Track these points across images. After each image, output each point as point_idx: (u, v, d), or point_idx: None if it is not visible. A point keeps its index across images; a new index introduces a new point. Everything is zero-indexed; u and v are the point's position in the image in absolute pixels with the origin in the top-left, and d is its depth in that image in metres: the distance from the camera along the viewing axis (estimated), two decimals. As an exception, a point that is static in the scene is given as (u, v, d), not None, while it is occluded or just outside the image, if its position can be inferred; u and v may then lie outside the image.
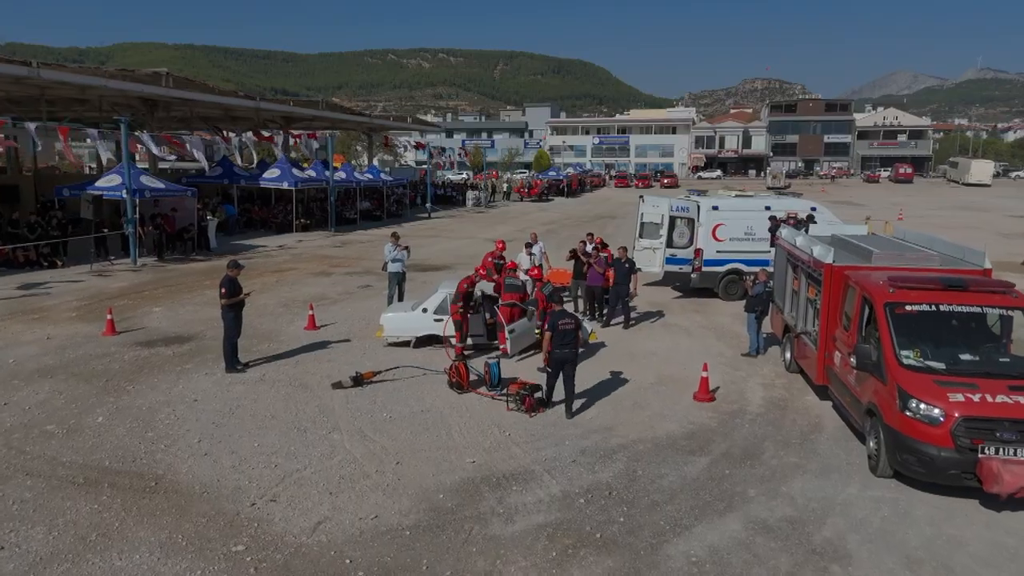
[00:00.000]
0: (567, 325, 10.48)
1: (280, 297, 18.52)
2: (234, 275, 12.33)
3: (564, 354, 10.47)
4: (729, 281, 19.10)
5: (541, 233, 35.89)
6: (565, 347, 10.44)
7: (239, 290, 12.37)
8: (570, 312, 10.94)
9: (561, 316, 10.56)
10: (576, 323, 10.64)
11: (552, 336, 10.43)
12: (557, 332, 10.42)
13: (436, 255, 26.73)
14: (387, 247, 16.77)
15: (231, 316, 12.19)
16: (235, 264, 12.48)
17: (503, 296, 13.42)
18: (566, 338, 10.44)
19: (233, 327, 12.27)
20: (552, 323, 10.50)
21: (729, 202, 19.17)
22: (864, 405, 9.20)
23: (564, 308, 10.82)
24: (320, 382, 11.90)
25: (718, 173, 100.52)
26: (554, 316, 10.61)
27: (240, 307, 12.42)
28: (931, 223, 41.09)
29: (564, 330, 10.43)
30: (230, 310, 12.16)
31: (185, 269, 22.80)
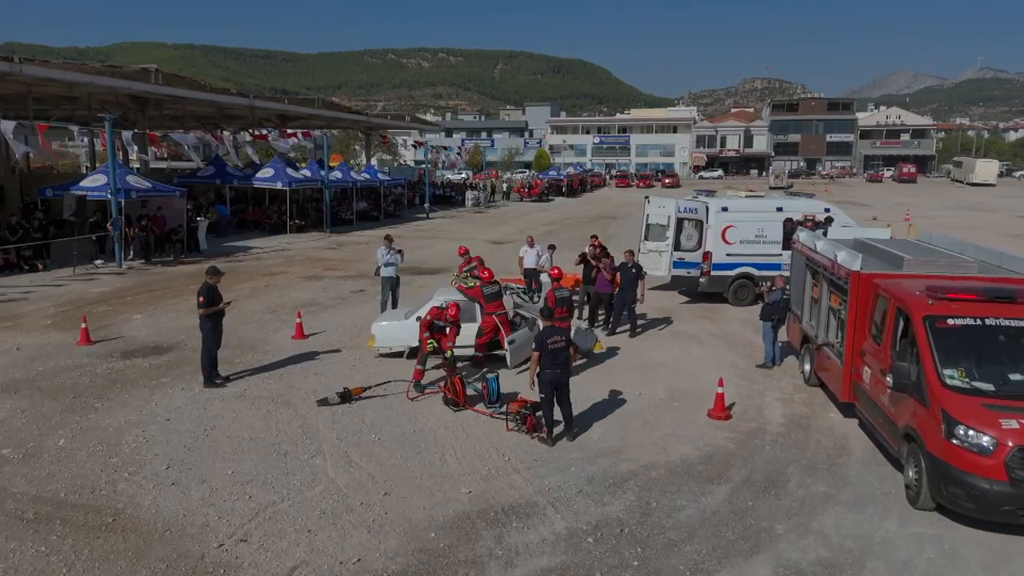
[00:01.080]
0: (557, 343, 9.41)
1: (268, 303, 17.65)
2: (213, 282, 11.47)
3: (555, 375, 9.40)
4: (739, 286, 18.24)
5: (541, 234, 35.11)
6: (556, 367, 9.40)
7: (219, 298, 11.50)
8: (560, 328, 9.79)
9: (550, 333, 9.47)
10: (568, 340, 9.63)
11: (541, 355, 9.46)
12: (546, 351, 9.38)
13: (433, 257, 25.86)
14: (380, 250, 15.91)
15: (209, 326, 11.32)
16: (214, 270, 11.61)
17: (485, 307, 12.47)
18: (557, 358, 9.39)
19: (212, 338, 11.40)
20: (540, 341, 9.42)
21: (739, 203, 18.31)
22: (901, 429, 8.33)
23: (553, 324, 9.85)
24: (305, 398, 11.03)
25: (719, 173, 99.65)
26: (542, 334, 9.51)
27: (220, 317, 11.55)
28: (937, 223, 40.22)
29: (554, 349, 9.39)
30: (208, 320, 11.29)
31: (172, 272, 21.93)
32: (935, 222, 40.91)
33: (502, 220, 41.65)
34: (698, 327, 16.10)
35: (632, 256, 15.12)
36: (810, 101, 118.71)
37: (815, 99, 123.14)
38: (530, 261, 17.50)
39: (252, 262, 24.11)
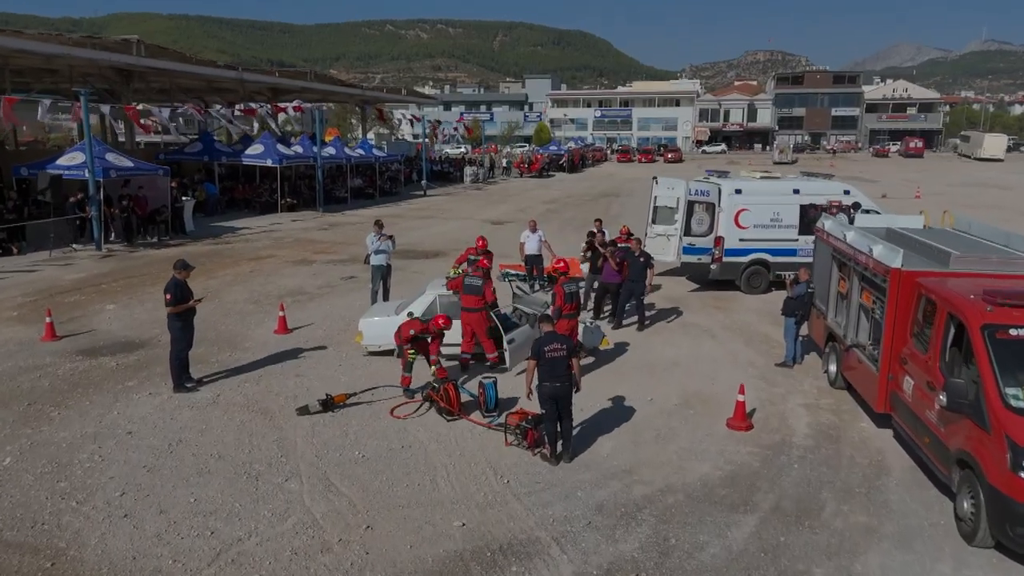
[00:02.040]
0: (556, 352, 8.29)
1: (252, 291, 16.59)
2: (182, 277, 10.40)
3: (555, 389, 8.29)
4: (753, 272, 17.18)
5: (541, 213, 33.99)
6: (556, 380, 8.29)
7: (188, 295, 10.45)
8: (561, 336, 8.66)
9: (548, 341, 8.38)
10: (569, 350, 8.47)
11: (537, 365, 8.34)
12: (544, 361, 8.27)
13: (430, 239, 24.75)
14: (369, 237, 14.81)
15: (179, 326, 10.27)
16: (183, 264, 10.52)
17: (462, 300, 11.18)
18: (556, 369, 8.27)
19: (182, 339, 10.37)
20: (537, 349, 8.31)
21: (753, 185, 17.18)
22: (953, 453, 7.33)
23: (554, 330, 8.74)
24: (283, 405, 10.02)
25: (722, 147, 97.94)
26: (540, 340, 8.45)
27: (190, 315, 10.50)
28: (950, 202, 39.03)
29: (553, 359, 8.27)
30: (177, 319, 10.24)
31: (154, 256, 20.84)
32: (947, 200, 39.73)
33: (501, 198, 40.45)
34: (710, 319, 15.06)
35: (640, 244, 14.01)
36: (815, 74, 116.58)
37: (820, 72, 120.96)
38: (532, 247, 16.43)
39: (239, 244, 23.01)
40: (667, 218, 18.37)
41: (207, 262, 19.77)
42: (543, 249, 16.65)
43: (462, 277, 11.21)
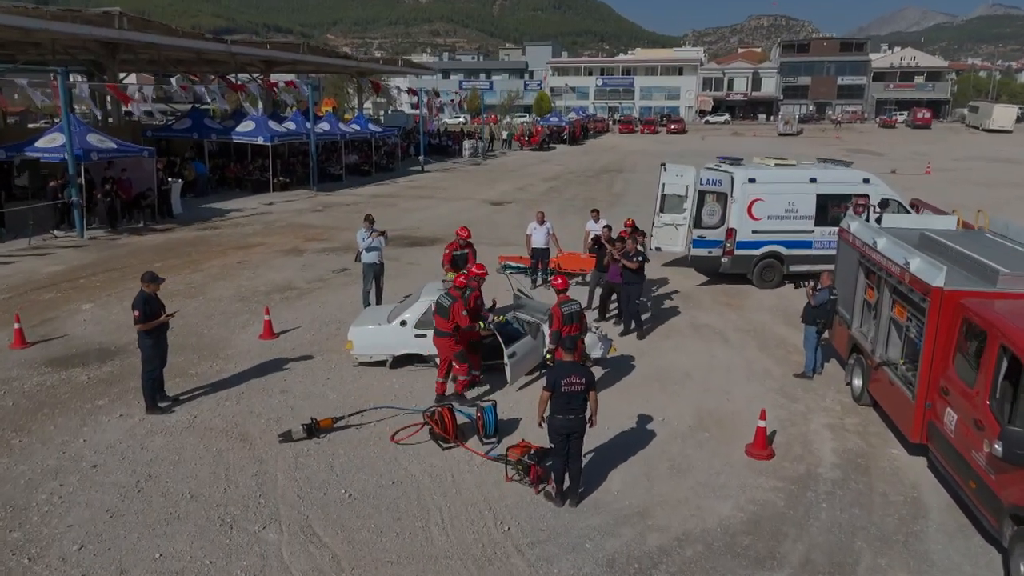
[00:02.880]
0: (574, 386, 7.41)
1: (238, 286, 15.73)
2: (151, 291, 9.52)
3: (568, 423, 7.48)
4: (766, 266, 16.33)
5: (542, 192, 32.99)
6: (571, 413, 7.47)
7: (159, 310, 9.58)
8: (580, 368, 7.67)
9: (566, 371, 7.47)
10: (588, 381, 7.54)
11: (552, 397, 7.51)
12: (560, 394, 7.43)
13: (427, 223, 23.81)
14: (360, 233, 13.91)
15: (149, 344, 9.43)
16: (151, 277, 9.63)
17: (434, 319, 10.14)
18: (572, 403, 7.44)
19: (153, 357, 9.53)
20: (553, 380, 7.43)
21: (768, 173, 16.23)
22: (1007, 507, 6.55)
23: (573, 360, 7.73)
24: (265, 430, 9.24)
25: (726, 117, 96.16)
26: (557, 370, 7.57)
27: (162, 331, 9.64)
28: (963, 178, 38.05)
29: (570, 392, 7.43)
30: (148, 336, 9.39)
31: (138, 244, 19.94)
32: (962, 176, 38.71)
33: (501, 174, 39.38)
34: (721, 318, 14.24)
35: (636, 243, 13.00)
36: (821, 41, 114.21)
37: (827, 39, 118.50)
38: (539, 240, 15.59)
39: (228, 230, 22.08)
40: (675, 206, 17.47)
41: (193, 252, 18.89)
42: (551, 242, 15.75)
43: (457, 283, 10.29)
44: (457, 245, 13.72)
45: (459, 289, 9.99)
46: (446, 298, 9.86)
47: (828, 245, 16.20)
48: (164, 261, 17.78)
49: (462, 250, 13.69)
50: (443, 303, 9.82)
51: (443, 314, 9.79)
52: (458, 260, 13.71)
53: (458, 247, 13.70)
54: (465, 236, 13.87)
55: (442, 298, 9.92)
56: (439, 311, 9.84)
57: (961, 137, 71.27)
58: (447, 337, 9.84)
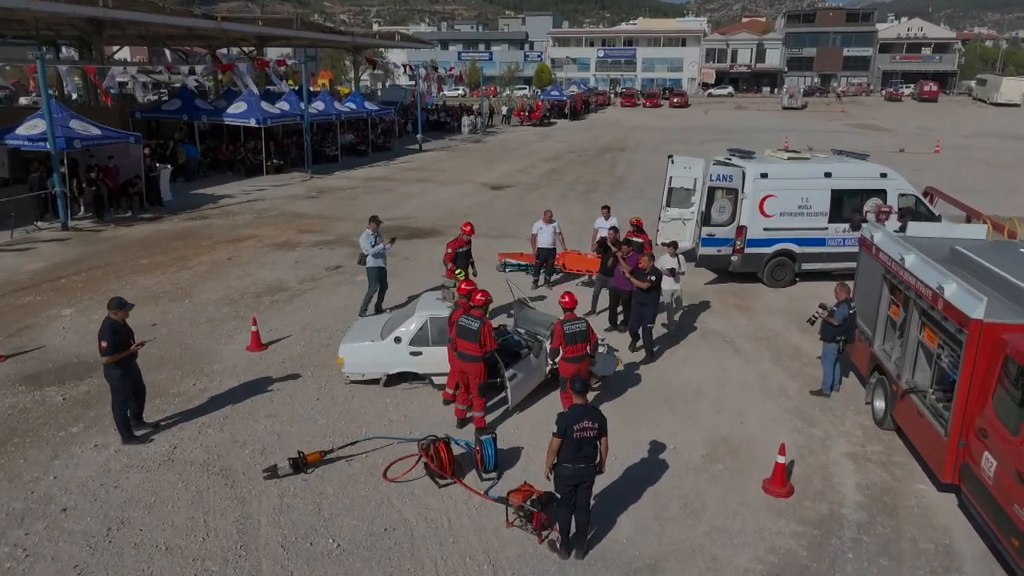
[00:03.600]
0: (587, 431, 6.80)
1: (227, 288, 15.04)
2: (118, 318, 8.82)
3: (577, 472, 6.88)
4: (777, 264, 15.65)
5: (543, 174, 32.12)
6: (580, 462, 6.87)
7: (127, 340, 8.87)
8: (593, 411, 7.02)
9: (579, 416, 6.85)
10: (601, 427, 6.90)
11: (562, 444, 6.86)
12: (570, 440, 6.80)
13: (424, 211, 23.04)
14: (365, 236, 13.23)
15: (117, 375, 8.75)
16: (119, 303, 8.91)
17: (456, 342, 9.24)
18: (583, 450, 6.84)
19: (122, 388, 8.84)
20: (564, 426, 6.78)
21: (780, 168, 15.46)
22: (1058, 576, 5.97)
23: (587, 403, 7.14)
24: (249, 464, 8.64)
25: (729, 90, 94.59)
26: (569, 415, 6.89)
27: (131, 361, 8.94)
28: (973, 157, 37.15)
29: (581, 439, 6.82)
30: (116, 367, 8.71)
31: (124, 237, 19.20)
32: (968, 155, 37.79)
33: (500, 153, 38.44)
34: (732, 324, 13.59)
35: (651, 261, 11.83)
36: (827, 12, 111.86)
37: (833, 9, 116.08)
38: (546, 239, 14.84)
39: (218, 220, 21.33)
40: (683, 200, 16.78)
41: (181, 246, 18.18)
42: (557, 242, 14.99)
43: (459, 312, 9.53)
44: (462, 242, 13.18)
45: (481, 308, 9.31)
46: (470, 319, 9.16)
47: (842, 242, 15.59)
48: (151, 257, 17.09)
49: (466, 247, 13.13)
50: (469, 325, 9.11)
51: (471, 337, 9.08)
52: (461, 258, 13.13)
53: (463, 244, 13.13)
54: (469, 232, 13.29)
55: (465, 320, 9.19)
56: (465, 334, 9.11)
57: (969, 111, 70.08)
58: (478, 362, 9.14)
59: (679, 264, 12.64)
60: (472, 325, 9.07)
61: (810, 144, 40.80)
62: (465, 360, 9.15)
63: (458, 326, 9.19)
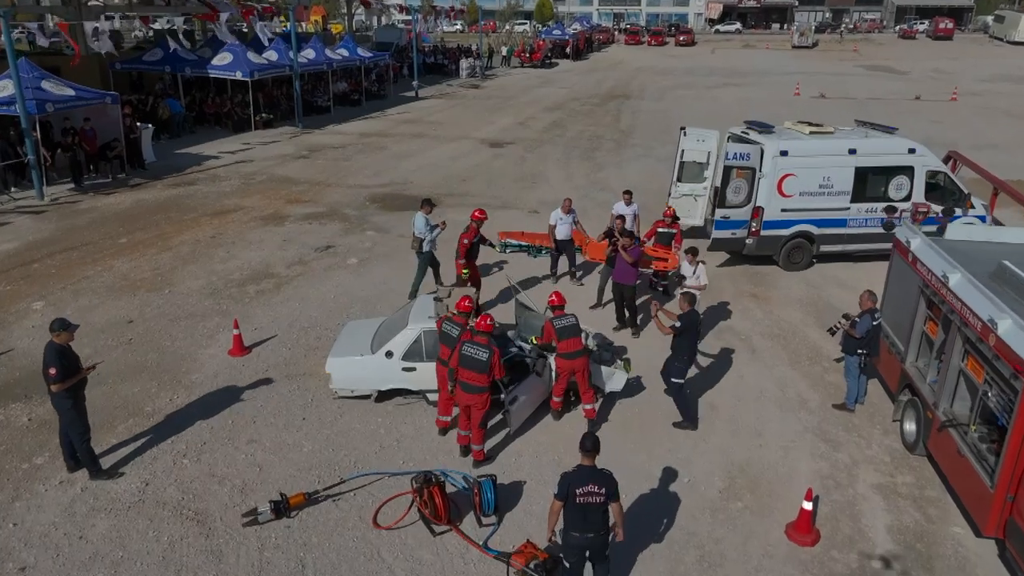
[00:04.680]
0: (592, 496, 6.06)
1: (210, 274, 14.13)
2: (63, 342, 7.93)
3: (586, 541, 6.20)
4: (795, 247, 14.74)
5: (544, 127, 30.75)
6: (589, 531, 6.13)
7: (76, 365, 8.01)
8: (598, 473, 6.17)
9: (581, 480, 6.08)
10: (609, 491, 6.09)
11: (564, 508, 6.13)
12: (573, 505, 6.08)
13: (420, 174, 21.91)
14: (420, 220, 12.64)
15: (69, 405, 7.90)
16: (62, 325, 7.94)
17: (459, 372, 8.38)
18: (589, 517, 6.10)
19: (78, 420, 8.00)
20: (564, 489, 6.07)
21: (802, 144, 14.35)
22: None
23: (594, 465, 6.24)
24: (227, 505, 7.93)
25: (737, 26, 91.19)
26: (572, 477, 6.13)
27: (81, 388, 8.09)
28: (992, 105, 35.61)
29: (586, 504, 6.08)
30: (67, 396, 7.87)
31: (104, 208, 18.16)
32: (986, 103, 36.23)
33: (500, 102, 36.88)
34: (746, 317, 12.76)
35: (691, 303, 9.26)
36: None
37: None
38: (564, 231, 13.59)
39: (203, 187, 20.22)
40: (695, 175, 15.73)
41: (163, 220, 17.18)
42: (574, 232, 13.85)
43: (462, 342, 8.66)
44: (474, 231, 12.25)
45: (487, 335, 8.44)
46: (477, 349, 8.28)
47: (864, 223, 14.68)
48: (130, 235, 16.13)
49: (478, 235, 12.31)
50: (476, 356, 8.24)
51: (478, 368, 8.24)
52: (475, 250, 12.35)
53: (476, 232, 12.25)
54: (480, 218, 12.40)
55: (472, 349, 8.30)
56: (471, 365, 8.25)
57: (985, 50, 67.58)
58: (483, 393, 8.35)
59: (698, 275, 11.41)
60: (480, 356, 8.24)
61: (822, 90, 39.32)
62: (470, 392, 8.34)
63: (462, 355, 8.33)
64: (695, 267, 11.27)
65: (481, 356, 8.28)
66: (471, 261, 12.34)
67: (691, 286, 11.11)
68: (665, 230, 13.19)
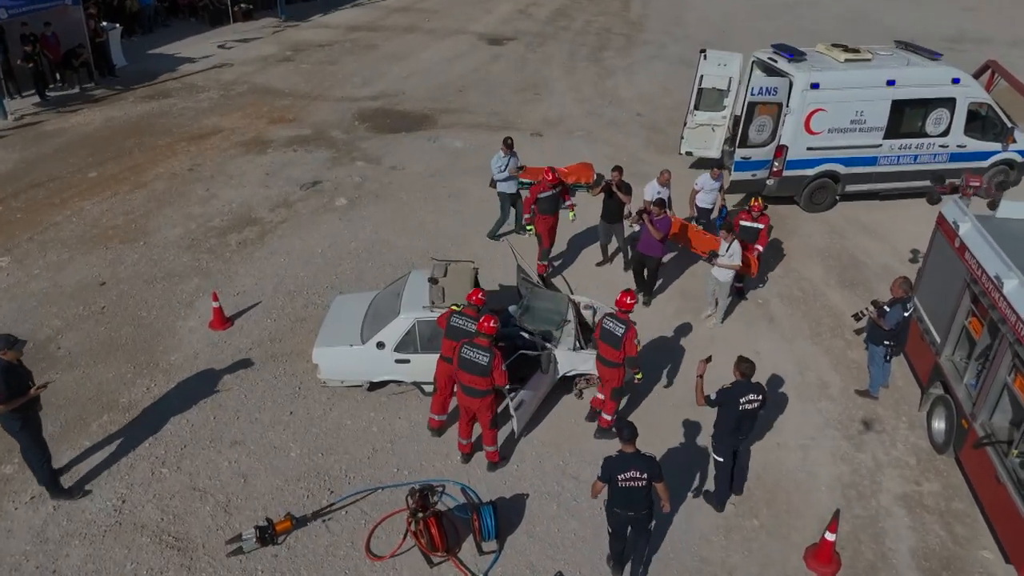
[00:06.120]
0: (635, 481, 6.31)
1: (188, 219, 13.09)
2: (11, 359, 7.10)
3: (629, 518, 6.55)
4: (818, 187, 13.69)
5: (548, 16, 28.46)
6: (630, 509, 6.46)
7: (25, 383, 7.22)
8: (642, 458, 6.35)
9: (623, 466, 6.30)
10: (652, 474, 6.32)
11: (608, 487, 6.42)
12: (616, 488, 6.37)
13: (411, 83, 20.26)
14: (497, 159, 12.07)
15: (18, 426, 7.14)
16: (8, 342, 7.05)
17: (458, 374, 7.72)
18: (632, 498, 6.39)
19: (34, 444, 7.30)
20: (608, 474, 6.33)
21: (835, 76, 12.88)
22: None
23: (636, 449, 6.38)
24: (210, 528, 7.43)
25: None
26: (614, 464, 6.34)
27: (32, 406, 7.33)
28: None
29: (629, 487, 6.34)
30: (16, 416, 7.13)
31: (72, 131, 16.76)
32: None
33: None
34: (763, 273, 11.86)
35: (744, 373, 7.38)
36: None
37: None
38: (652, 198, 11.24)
39: (179, 101, 18.65)
40: (714, 102, 14.40)
41: (136, 147, 15.88)
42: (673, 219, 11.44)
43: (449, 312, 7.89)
44: (545, 186, 11.03)
45: (489, 337, 7.64)
46: (478, 352, 7.53)
47: (896, 160, 13.56)
48: (100, 167, 14.93)
49: (551, 190, 11.07)
50: (476, 360, 7.52)
51: (479, 372, 7.55)
52: (546, 204, 11.10)
53: (546, 188, 11.04)
54: (553, 181, 11.08)
55: (470, 351, 7.56)
56: (471, 368, 7.55)
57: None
58: (486, 397, 7.73)
59: (731, 253, 10.18)
60: (481, 360, 7.51)
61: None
62: (472, 396, 7.69)
63: (462, 358, 7.59)
64: (730, 243, 10.23)
65: (481, 360, 7.55)
66: (542, 217, 11.15)
67: (723, 264, 10.20)
68: (750, 224, 10.71)
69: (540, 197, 10.99)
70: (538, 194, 10.99)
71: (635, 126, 17.76)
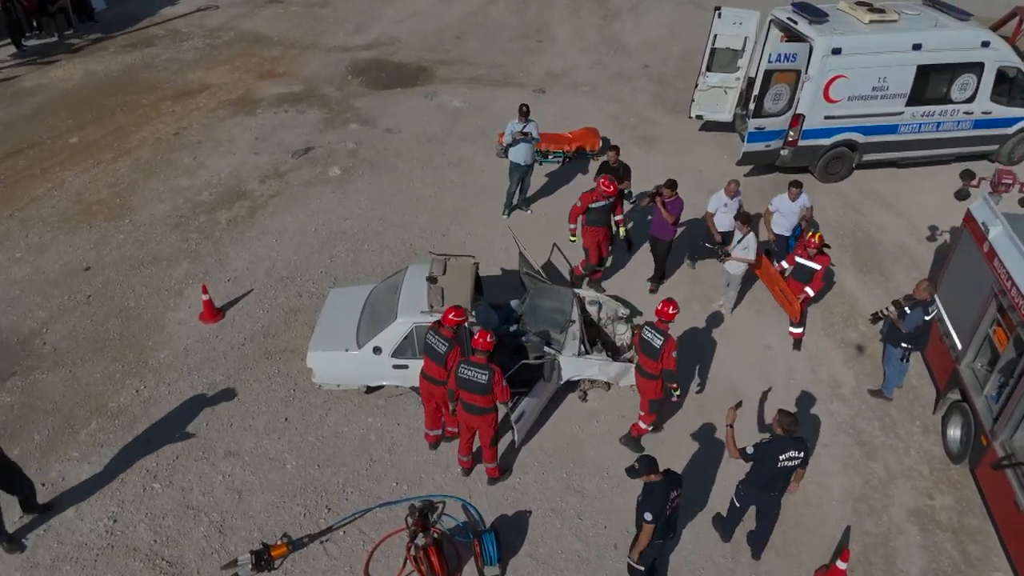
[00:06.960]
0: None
1: (176, 192, 12.51)
2: None
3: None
4: (835, 157, 13.06)
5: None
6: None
7: None
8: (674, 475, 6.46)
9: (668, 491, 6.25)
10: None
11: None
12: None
13: (405, 30, 19.20)
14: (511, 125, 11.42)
15: None
16: None
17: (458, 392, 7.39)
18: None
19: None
20: (656, 505, 6.17)
21: (859, 41, 12.06)
22: None
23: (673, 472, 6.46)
24: (204, 551, 7.24)
25: None
26: (659, 497, 6.19)
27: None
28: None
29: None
30: None
31: (51, 87, 15.92)
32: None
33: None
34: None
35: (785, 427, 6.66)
36: None
37: None
38: (726, 222, 10.31)
39: (163, 52, 17.70)
40: (727, 63, 13.61)
41: (118, 106, 15.12)
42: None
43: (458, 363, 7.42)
44: (598, 195, 9.88)
45: (485, 353, 7.22)
46: (476, 371, 7.15)
47: (918, 128, 12.92)
48: (82, 130, 14.24)
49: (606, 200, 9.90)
50: (475, 379, 7.15)
51: (478, 390, 7.21)
52: (596, 215, 9.95)
53: (599, 198, 9.88)
54: (612, 192, 9.86)
55: (468, 370, 7.18)
56: (470, 387, 7.21)
57: None
58: (488, 414, 7.43)
59: (746, 245, 9.65)
60: (480, 378, 7.15)
61: None
62: (474, 413, 7.40)
63: (459, 378, 7.24)
64: (744, 235, 9.72)
65: (480, 379, 7.20)
66: (590, 228, 10.03)
67: (736, 257, 9.74)
68: (805, 262, 9.41)
69: (592, 207, 9.88)
70: (589, 203, 9.86)
71: (642, 80, 16.90)
